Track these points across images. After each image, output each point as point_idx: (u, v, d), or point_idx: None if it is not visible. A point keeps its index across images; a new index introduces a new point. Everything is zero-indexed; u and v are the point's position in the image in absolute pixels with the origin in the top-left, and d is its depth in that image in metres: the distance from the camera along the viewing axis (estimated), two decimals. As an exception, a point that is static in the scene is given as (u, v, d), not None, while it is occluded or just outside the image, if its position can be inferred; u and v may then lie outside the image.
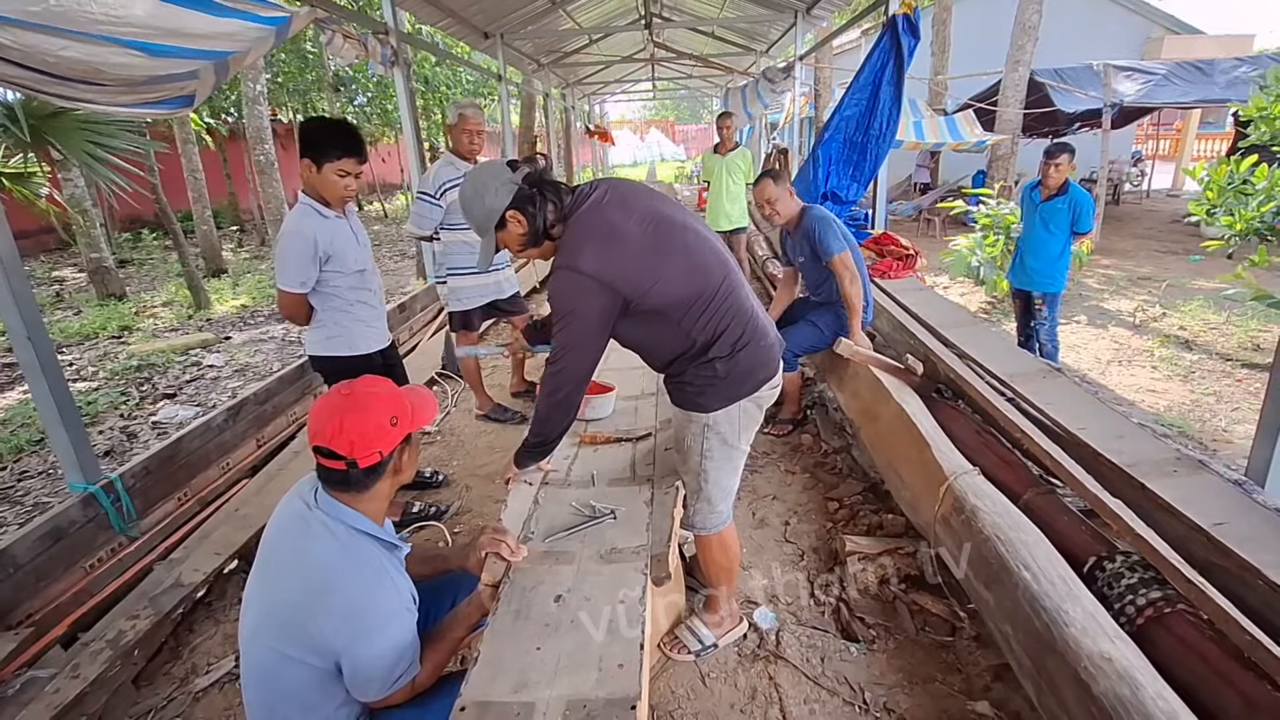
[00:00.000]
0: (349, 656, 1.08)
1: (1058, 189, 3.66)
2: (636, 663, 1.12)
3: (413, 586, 1.22)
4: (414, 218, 3.03)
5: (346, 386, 1.19)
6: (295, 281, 2.08)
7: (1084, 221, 3.63)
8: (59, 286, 8.13)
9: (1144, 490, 1.85)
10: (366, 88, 13.48)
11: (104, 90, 2.01)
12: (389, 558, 1.19)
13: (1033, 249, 3.78)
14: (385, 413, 1.15)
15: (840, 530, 2.33)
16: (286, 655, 1.08)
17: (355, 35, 4.10)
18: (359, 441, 1.12)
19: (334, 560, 1.10)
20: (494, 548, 1.42)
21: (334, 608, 1.07)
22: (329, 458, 1.13)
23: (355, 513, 1.16)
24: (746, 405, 1.58)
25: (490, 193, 1.43)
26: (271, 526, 1.21)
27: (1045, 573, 1.55)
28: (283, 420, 3.33)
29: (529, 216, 1.44)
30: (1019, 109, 8.25)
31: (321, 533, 1.13)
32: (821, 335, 2.89)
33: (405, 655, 1.14)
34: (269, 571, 1.15)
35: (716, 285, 1.49)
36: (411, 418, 1.19)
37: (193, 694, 1.86)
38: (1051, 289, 3.77)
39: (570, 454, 2.03)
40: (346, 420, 1.12)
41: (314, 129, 2.07)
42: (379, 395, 1.17)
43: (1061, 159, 3.61)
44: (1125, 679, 1.26)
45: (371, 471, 1.15)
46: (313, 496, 1.18)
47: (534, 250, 1.51)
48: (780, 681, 1.75)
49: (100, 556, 2.27)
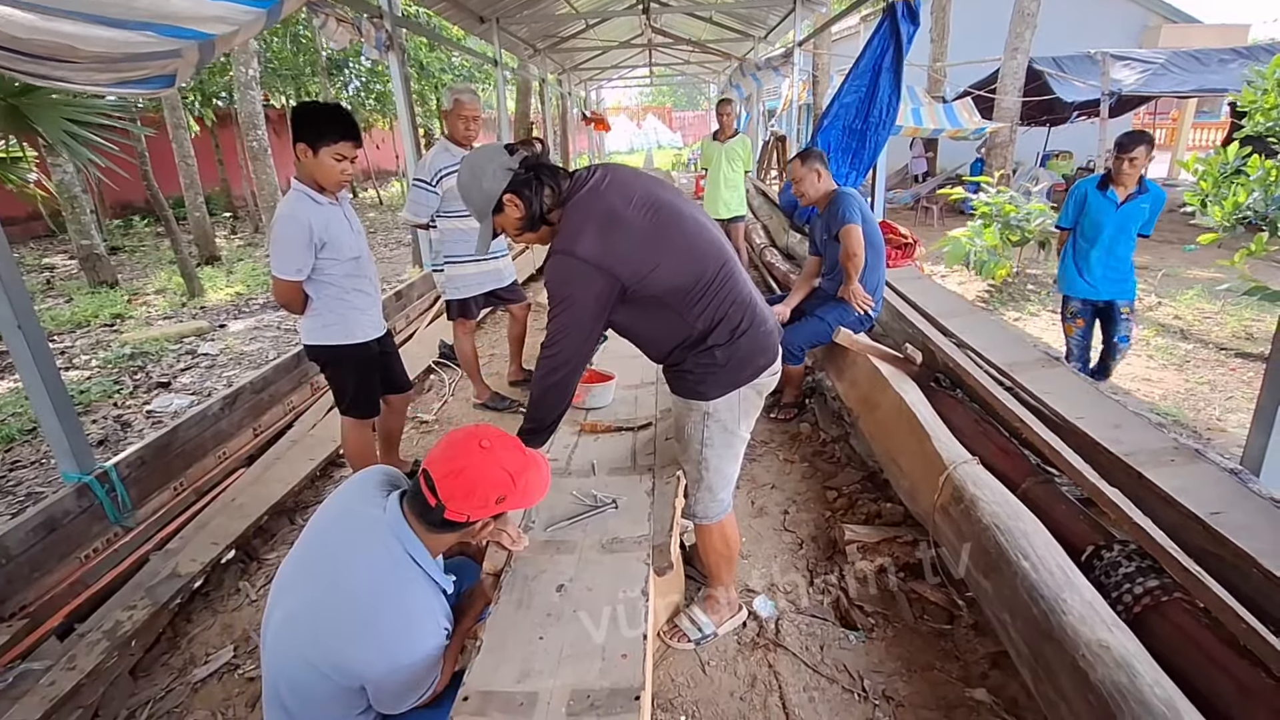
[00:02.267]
0: (375, 684, 1.07)
1: (1137, 187, 3.14)
2: (640, 654, 1.12)
3: (450, 621, 1.18)
4: (410, 205, 3.00)
5: (490, 439, 1.15)
6: (291, 269, 2.06)
7: (1152, 223, 3.19)
8: (49, 274, 8.03)
9: (1141, 479, 1.86)
10: (360, 73, 13.31)
11: (79, 68, 1.94)
12: (433, 591, 1.16)
13: (1108, 255, 3.23)
14: (500, 488, 1.12)
15: (839, 519, 2.34)
16: (314, 666, 1.06)
17: (349, 19, 4.03)
18: (459, 498, 1.10)
19: (382, 585, 1.07)
20: (495, 537, 1.41)
21: (370, 640, 1.05)
22: (429, 487, 1.10)
23: (418, 541, 1.13)
24: (746, 392, 1.57)
25: (487, 176, 1.42)
26: (323, 518, 1.17)
27: (1043, 561, 1.55)
28: (279, 409, 3.31)
29: (526, 200, 1.43)
30: (1017, 97, 8.22)
31: (378, 549, 1.09)
32: (826, 329, 2.90)
33: (428, 678, 1.13)
34: (311, 571, 1.12)
35: (715, 271, 1.48)
36: (518, 499, 1.17)
37: (191, 685, 1.85)
38: (1133, 296, 3.32)
39: (571, 443, 2.02)
40: (466, 472, 1.10)
41: (309, 113, 2.03)
42: (504, 467, 1.13)
43: (1137, 152, 3.02)
44: (1123, 666, 1.27)
45: (450, 525, 1.13)
46: (385, 500, 1.14)
47: (531, 235, 1.50)
48: (780, 669, 1.76)
49: (96, 547, 2.26)
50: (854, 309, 2.85)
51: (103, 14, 1.95)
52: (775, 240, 5.93)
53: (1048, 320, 4.99)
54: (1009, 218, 5.56)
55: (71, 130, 4.39)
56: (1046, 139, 11.00)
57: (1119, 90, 7.67)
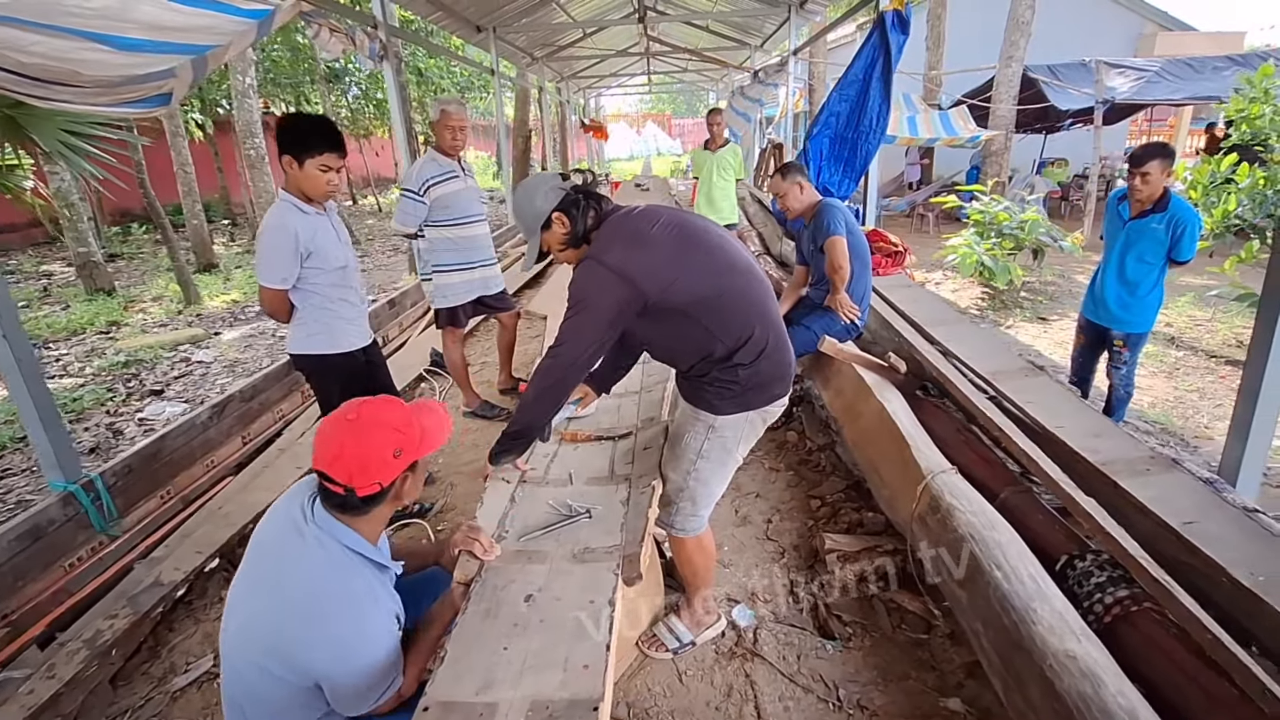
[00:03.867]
0: (331, 682, 1.07)
1: (1153, 203, 2.77)
2: (602, 664, 1.13)
3: (400, 604, 1.20)
4: (399, 215, 3.02)
5: (354, 409, 1.13)
6: (277, 278, 2.08)
7: (1186, 247, 2.72)
8: (47, 281, 8.07)
9: (1117, 489, 1.87)
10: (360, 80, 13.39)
11: (80, 91, 1.99)
12: (379, 578, 1.17)
13: (1116, 278, 2.90)
14: (389, 445, 1.11)
15: (821, 528, 2.35)
16: (270, 672, 1.06)
17: (342, 29, 4.07)
18: (358, 472, 1.09)
19: (324, 585, 1.08)
20: (467, 545, 1.42)
21: (321, 638, 1.05)
22: (329, 481, 1.10)
23: (351, 532, 1.14)
24: (754, 417, 1.62)
25: (540, 196, 1.55)
26: (264, 530, 1.18)
27: (1016, 572, 1.56)
28: (269, 417, 3.32)
29: (572, 219, 1.55)
30: (1012, 105, 8.26)
31: (314, 551, 1.10)
32: (813, 338, 2.92)
33: (389, 673, 1.14)
34: (257, 582, 1.13)
35: (741, 285, 1.54)
36: (419, 446, 1.16)
37: (170, 693, 1.86)
38: (1136, 329, 2.91)
39: (550, 452, 2.03)
40: (347, 448, 1.09)
41: (294, 125, 2.05)
42: (385, 423, 1.12)
43: (1150, 167, 2.68)
44: (1088, 677, 1.27)
45: (370, 500, 1.12)
46: (310, 508, 1.15)
47: (573, 253, 1.59)
48: (756, 679, 1.76)
49: (80, 555, 2.26)
50: (840, 318, 2.88)
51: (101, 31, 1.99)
52: (770, 248, 5.95)
53: (1040, 328, 5.01)
54: (1002, 226, 5.57)
55: (67, 140, 4.42)
56: (1043, 146, 11.04)
57: (1113, 98, 7.70)
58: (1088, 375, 3.24)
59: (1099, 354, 3.15)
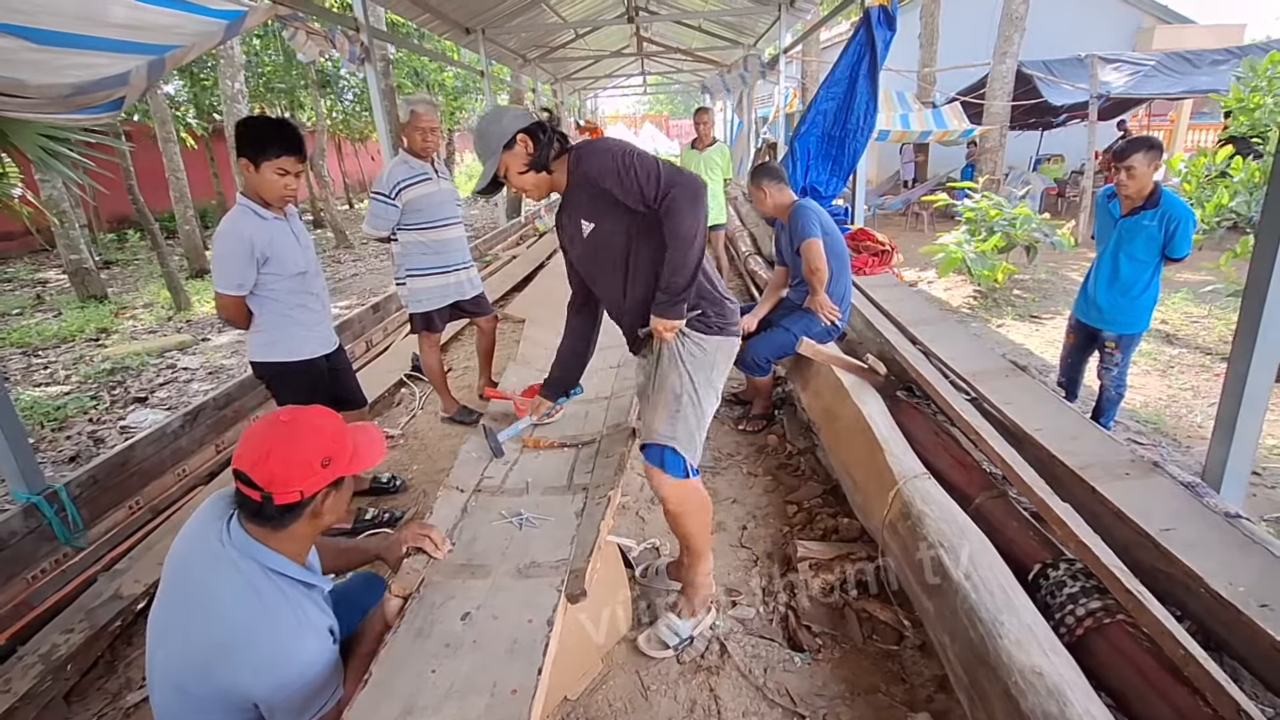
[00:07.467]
0: (268, 704, 1.03)
1: (1143, 199, 2.67)
2: (531, 688, 1.07)
3: (333, 620, 1.15)
4: (370, 219, 2.97)
5: (289, 413, 1.10)
6: (232, 284, 2.04)
7: (1180, 244, 2.64)
8: (40, 288, 8.07)
9: (1095, 493, 1.81)
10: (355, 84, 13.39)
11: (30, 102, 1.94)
12: (308, 596, 1.12)
13: (1107, 277, 2.81)
14: (319, 451, 1.07)
15: (795, 535, 2.29)
16: (202, 699, 1.02)
17: (321, 31, 4.03)
18: (279, 476, 1.04)
19: (245, 611, 1.03)
20: (418, 542, 1.38)
21: (248, 665, 1.01)
22: (247, 485, 1.05)
23: (271, 552, 1.08)
24: (729, 349, 1.77)
25: (509, 116, 1.61)
26: (179, 551, 1.12)
27: (986, 582, 1.50)
28: (244, 425, 3.28)
29: (538, 143, 1.62)
30: (1006, 101, 8.19)
31: (231, 577, 1.04)
32: (791, 340, 2.87)
33: (328, 686, 1.09)
34: (179, 610, 1.07)
35: None
36: (349, 462, 1.11)
37: (124, 710, 1.81)
38: (1128, 330, 2.82)
39: (511, 460, 1.98)
40: (274, 450, 1.05)
41: (251, 127, 2.01)
42: (318, 430, 1.08)
43: (1134, 160, 2.59)
44: (1054, 695, 1.21)
45: (287, 510, 1.07)
46: (226, 530, 1.09)
47: (530, 177, 1.64)
48: (720, 694, 1.70)
49: (44, 568, 2.22)
50: (820, 319, 2.82)
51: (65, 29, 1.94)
52: (760, 248, 5.89)
53: (1031, 327, 4.93)
54: (993, 223, 5.50)
55: (47, 146, 4.38)
56: (1039, 143, 10.95)
57: (1107, 92, 7.61)
58: (1076, 376, 3.16)
59: (1089, 355, 3.07)
